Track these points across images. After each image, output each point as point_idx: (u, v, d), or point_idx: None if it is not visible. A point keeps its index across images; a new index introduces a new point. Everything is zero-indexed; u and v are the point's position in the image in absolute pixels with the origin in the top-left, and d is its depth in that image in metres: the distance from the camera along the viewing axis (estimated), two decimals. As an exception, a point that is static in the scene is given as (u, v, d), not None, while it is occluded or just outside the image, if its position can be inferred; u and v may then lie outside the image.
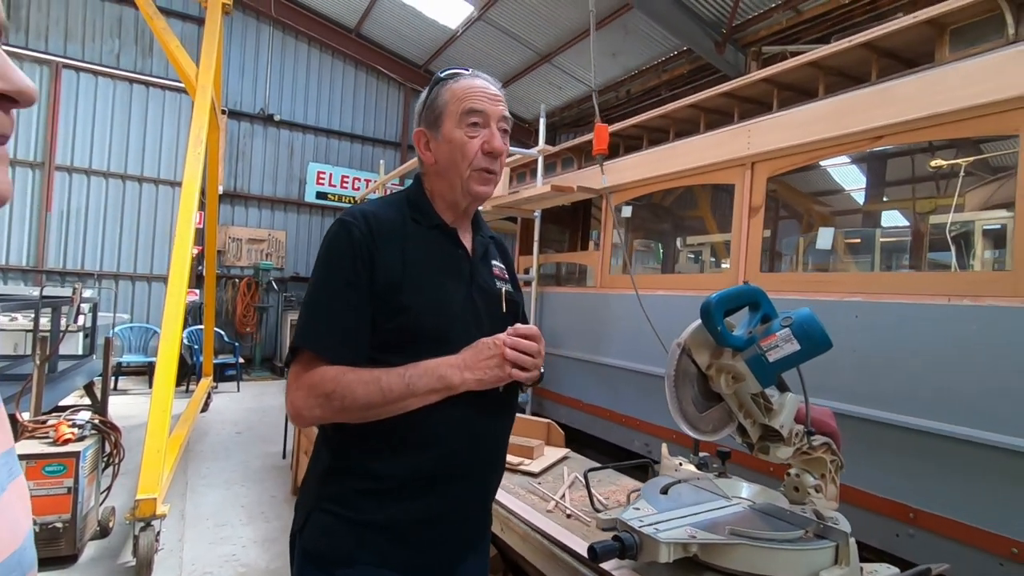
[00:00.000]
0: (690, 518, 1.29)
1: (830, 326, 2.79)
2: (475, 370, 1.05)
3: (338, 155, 10.66)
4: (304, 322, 1.06)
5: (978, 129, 2.37)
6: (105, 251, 8.56)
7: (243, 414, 6.66)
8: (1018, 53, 2.21)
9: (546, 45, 9.15)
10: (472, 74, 1.19)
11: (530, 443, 2.10)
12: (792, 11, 6.64)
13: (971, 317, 2.25)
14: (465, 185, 1.15)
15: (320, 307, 1.07)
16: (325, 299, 1.07)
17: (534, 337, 1.09)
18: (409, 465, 1.07)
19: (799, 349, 1.23)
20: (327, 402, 1.01)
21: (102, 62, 8.51)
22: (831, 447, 1.47)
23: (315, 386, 1.01)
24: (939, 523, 2.30)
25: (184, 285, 3.72)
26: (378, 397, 1.01)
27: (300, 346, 1.04)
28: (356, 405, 1.01)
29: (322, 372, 1.02)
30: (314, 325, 1.06)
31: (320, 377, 1.02)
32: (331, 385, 1.01)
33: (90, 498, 3.14)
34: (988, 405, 2.17)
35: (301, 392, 1.03)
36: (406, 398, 1.02)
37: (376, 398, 1.01)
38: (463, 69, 1.20)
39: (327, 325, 1.05)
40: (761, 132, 3.20)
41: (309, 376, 1.02)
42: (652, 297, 3.80)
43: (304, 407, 1.03)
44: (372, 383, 1.01)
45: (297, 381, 1.04)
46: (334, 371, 1.02)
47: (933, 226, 4.05)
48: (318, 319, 1.06)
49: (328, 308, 1.06)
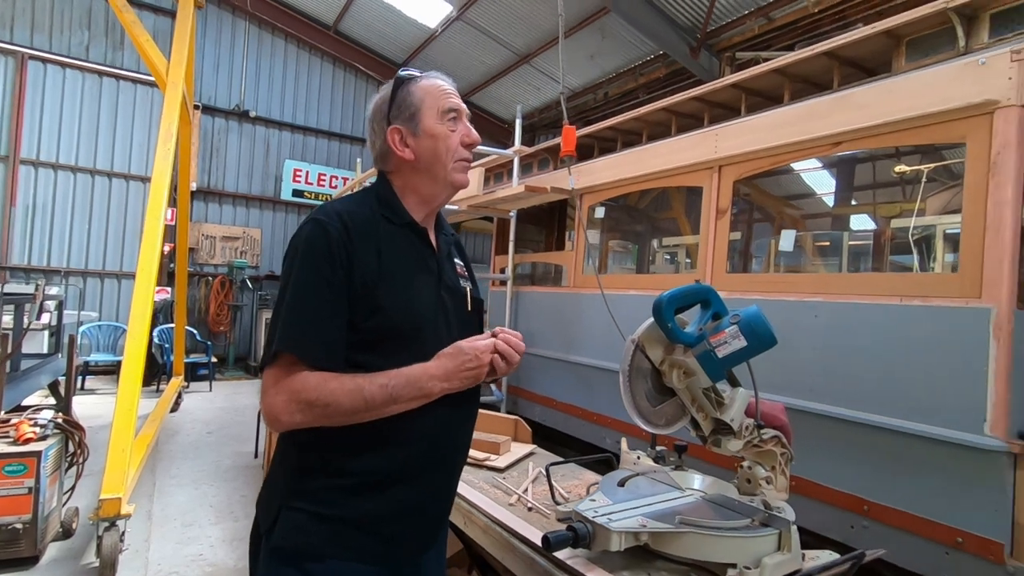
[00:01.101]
0: (643, 509, 1.34)
1: (792, 325, 2.89)
2: (453, 379, 1.08)
3: (315, 152, 10.56)
4: (284, 326, 1.04)
5: (930, 137, 2.47)
6: (72, 247, 8.36)
7: (215, 414, 6.57)
8: (966, 65, 2.32)
9: (525, 46, 9.20)
10: (435, 74, 1.23)
11: (497, 439, 2.13)
12: (764, 18, 6.80)
13: (921, 317, 2.35)
14: (449, 175, 1.19)
15: (300, 309, 1.04)
16: (305, 301, 1.05)
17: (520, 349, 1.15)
18: (385, 461, 1.09)
19: (746, 345, 1.28)
20: (309, 409, 1.00)
21: (71, 54, 8.30)
22: (781, 440, 1.52)
23: (297, 392, 1.00)
24: (891, 514, 2.39)
25: (152, 282, 3.66)
26: (361, 406, 1.02)
27: (281, 350, 1.03)
28: (339, 412, 1.01)
29: (304, 378, 1.01)
30: (295, 328, 1.04)
31: (302, 383, 1.01)
32: (314, 394, 1.00)
33: (52, 498, 3.08)
34: (935, 401, 2.27)
35: (281, 397, 1.01)
36: (388, 405, 1.03)
37: (359, 407, 1.02)
38: (420, 71, 1.24)
39: (308, 328, 1.03)
40: (728, 136, 3.28)
41: (290, 381, 1.01)
42: (624, 297, 3.86)
43: (284, 412, 1.01)
44: (355, 392, 1.01)
45: (277, 385, 1.02)
46: (316, 378, 1.01)
47: (897, 229, 4.19)
48: (299, 322, 1.04)
49: (309, 310, 1.04)
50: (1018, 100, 2.16)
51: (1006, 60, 2.19)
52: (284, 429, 1.07)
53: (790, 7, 6.48)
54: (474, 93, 10.77)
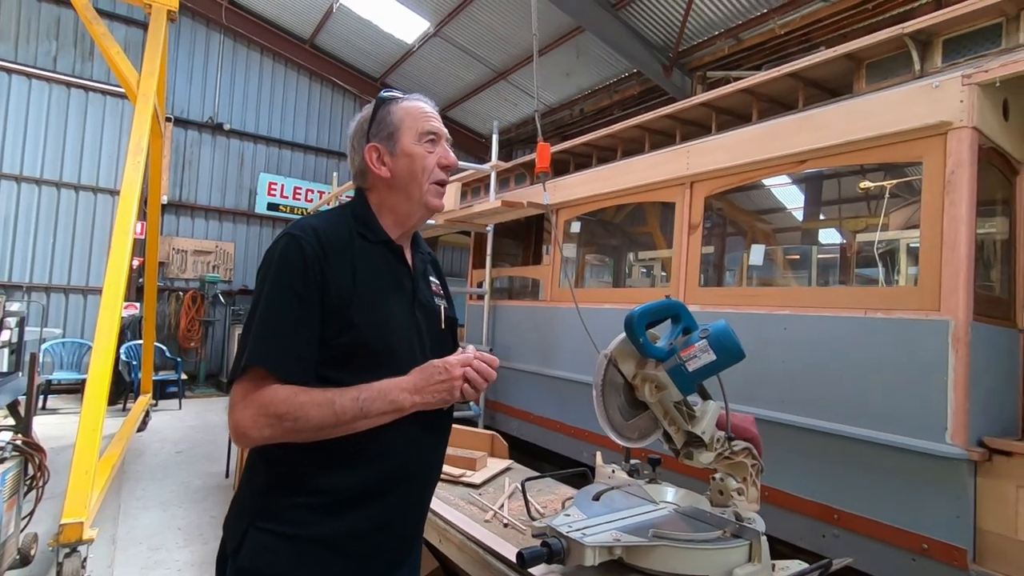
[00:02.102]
0: (617, 523, 1.34)
1: (762, 337, 2.94)
2: (424, 393, 1.07)
3: (290, 166, 10.47)
4: (255, 339, 1.03)
5: (889, 156, 2.57)
6: (36, 262, 8.10)
7: (184, 432, 6.39)
8: (921, 88, 2.43)
9: (501, 63, 9.31)
10: (417, 96, 1.25)
11: (473, 455, 2.13)
12: (733, 39, 7.01)
13: (884, 329, 2.43)
14: (423, 197, 1.20)
15: (272, 323, 1.04)
16: (277, 315, 1.04)
17: (494, 366, 1.13)
18: (356, 478, 1.08)
19: (715, 359, 1.30)
20: (278, 423, 0.99)
21: (37, 64, 8.11)
22: (752, 452, 1.55)
23: (266, 406, 0.99)
24: (860, 523, 2.45)
25: (120, 297, 3.57)
26: (331, 419, 1.00)
27: (251, 364, 1.01)
28: (308, 427, 1.00)
29: (273, 392, 1.00)
30: (265, 342, 1.03)
31: (271, 397, 0.99)
32: (283, 407, 0.99)
33: (9, 524, 2.94)
34: (898, 411, 2.34)
35: (249, 411, 1.00)
36: (358, 419, 1.02)
37: (329, 420, 1.00)
38: (402, 92, 1.26)
39: (280, 342, 1.03)
40: (699, 153, 3.36)
41: (259, 395, 1.00)
42: (600, 311, 3.90)
43: (252, 427, 1.00)
44: (326, 405, 1.00)
45: (245, 400, 1.01)
46: (286, 391, 1.00)
47: (863, 243, 4.32)
48: (270, 335, 1.03)
49: (281, 324, 1.04)
50: (970, 122, 2.27)
51: (958, 84, 2.30)
52: (252, 445, 1.06)
53: (758, 29, 6.70)
54: (451, 108, 10.83)
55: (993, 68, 2.25)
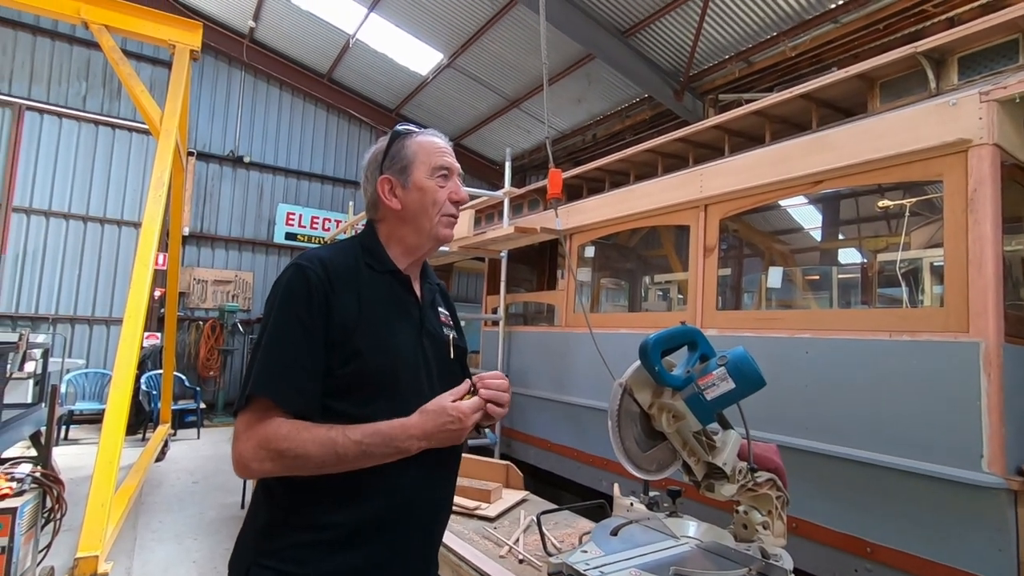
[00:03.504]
0: (636, 560, 1.29)
1: (783, 362, 2.87)
2: (432, 439, 1.06)
3: (308, 196, 10.68)
4: (260, 369, 1.03)
5: (908, 175, 2.52)
6: (62, 294, 8.30)
7: (201, 462, 6.40)
8: (938, 106, 2.39)
9: (514, 91, 9.46)
10: (431, 132, 1.28)
11: (487, 486, 2.08)
12: (744, 62, 7.04)
13: (911, 352, 2.34)
14: (434, 229, 1.21)
15: (276, 354, 1.04)
16: (283, 345, 1.05)
17: (504, 389, 1.13)
18: (358, 515, 1.06)
19: (734, 387, 1.26)
20: (279, 458, 0.99)
21: (68, 104, 8.46)
22: (776, 483, 1.49)
23: (268, 440, 0.99)
24: (895, 556, 2.32)
25: (140, 328, 3.62)
26: (332, 459, 1.00)
27: (255, 394, 1.02)
28: (309, 465, 1.00)
29: (276, 426, 1.00)
30: (270, 373, 1.03)
31: (274, 432, 0.99)
32: (285, 443, 0.99)
33: (27, 557, 2.94)
34: (931, 437, 2.24)
35: (251, 444, 1.00)
36: (360, 460, 1.02)
37: (330, 459, 1.00)
38: (418, 126, 1.28)
39: (284, 373, 1.03)
40: (712, 176, 3.34)
41: (263, 427, 1.00)
42: (616, 336, 3.85)
43: (254, 459, 1.00)
44: (328, 444, 1.00)
45: (248, 431, 1.01)
46: (288, 427, 1.00)
47: (884, 263, 4.23)
48: (274, 366, 1.04)
49: (286, 355, 1.04)
50: (990, 139, 2.22)
51: (975, 101, 2.26)
52: (253, 477, 1.05)
53: (769, 51, 6.73)
54: (465, 136, 11.00)
55: (1012, 84, 2.21)
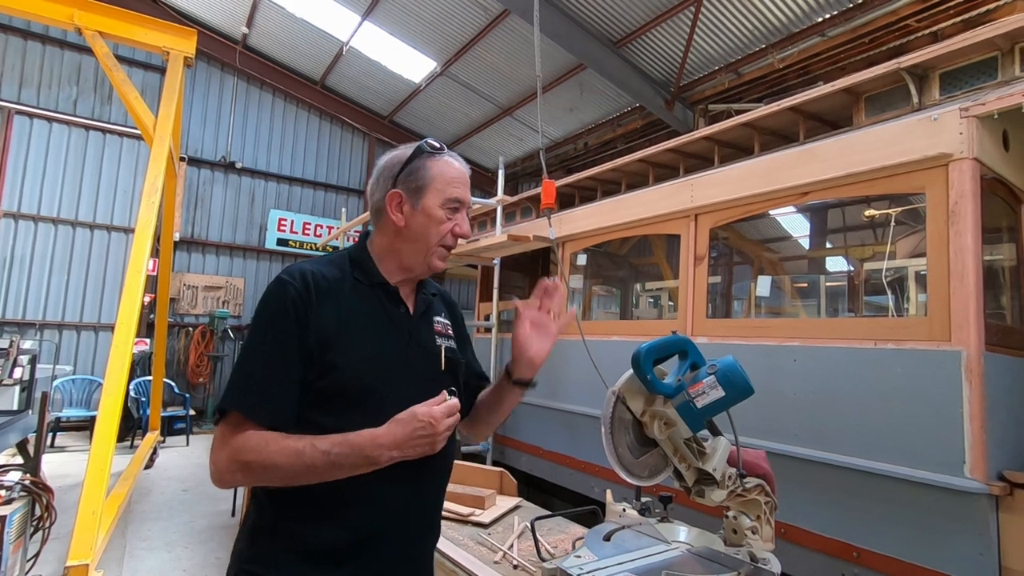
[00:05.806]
0: (629, 564, 1.32)
1: (771, 370, 2.91)
2: (405, 448, 1.02)
3: (300, 202, 10.66)
4: (232, 383, 1.06)
5: (891, 187, 2.59)
6: (50, 300, 8.22)
7: (191, 470, 6.35)
8: (920, 121, 2.46)
9: (507, 99, 9.53)
10: (455, 156, 1.25)
11: (481, 493, 2.10)
12: (733, 73, 7.16)
13: (896, 360, 2.40)
14: (428, 257, 1.21)
15: (249, 368, 1.07)
16: (255, 360, 1.07)
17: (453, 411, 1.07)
18: (343, 526, 1.07)
19: (724, 395, 1.30)
20: (247, 469, 1.01)
21: (58, 109, 8.40)
22: (765, 488, 1.53)
23: (237, 451, 1.01)
24: (881, 561, 2.37)
25: (131, 335, 3.60)
26: (301, 469, 1.00)
27: (226, 408, 1.04)
28: (278, 476, 1.01)
29: (246, 439, 1.01)
30: (242, 386, 1.05)
31: (243, 444, 1.01)
32: (252, 455, 1.00)
33: (15, 566, 2.92)
34: (915, 444, 2.29)
35: (223, 455, 1.02)
36: (331, 470, 1.01)
37: (299, 470, 1.00)
38: (442, 147, 1.24)
39: (255, 387, 1.05)
40: (703, 186, 3.40)
41: (235, 440, 1.02)
42: (607, 343, 3.89)
43: (226, 470, 1.02)
44: (295, 456, 1.00)
45: (221, 442, 1.03)
46: (257, 439, 1.01)
47: (870, 271, 4.31)
48: (247, 380, 1.06)
49: (257, 369, 1.06)
50: (970, 153, 2.29)
51: (956, 116, 2.33)
52: (227, 487, 1.08)
53: (758, 63, 6.84)
54: (458, 144, 11.05)
55: (991, 101, 2.28)
